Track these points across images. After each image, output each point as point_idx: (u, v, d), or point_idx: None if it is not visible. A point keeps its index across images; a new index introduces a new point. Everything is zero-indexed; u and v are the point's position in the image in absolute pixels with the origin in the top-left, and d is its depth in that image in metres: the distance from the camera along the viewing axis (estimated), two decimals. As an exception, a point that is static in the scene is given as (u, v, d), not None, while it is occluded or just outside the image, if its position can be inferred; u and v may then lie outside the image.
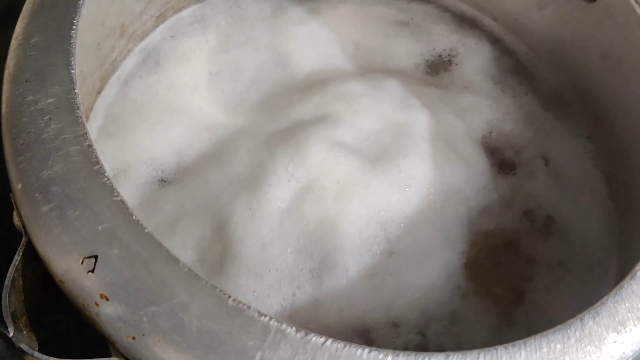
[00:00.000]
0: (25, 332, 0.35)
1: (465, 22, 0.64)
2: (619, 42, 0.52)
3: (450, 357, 0.32)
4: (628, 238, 0.42)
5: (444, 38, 0.61)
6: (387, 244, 0.47)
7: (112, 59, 0.53)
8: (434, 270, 0.47)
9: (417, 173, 0.50)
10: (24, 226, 0.35)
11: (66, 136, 0.36)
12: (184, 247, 0.46)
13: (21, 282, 0.35)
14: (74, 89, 0.37)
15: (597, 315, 0.34)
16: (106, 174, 0.35)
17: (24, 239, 0.35)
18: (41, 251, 0.34)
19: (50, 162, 0.35)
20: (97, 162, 0.35)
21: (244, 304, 0.32)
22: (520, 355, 0.32)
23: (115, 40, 0.52)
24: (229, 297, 0.32)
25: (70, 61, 0.39)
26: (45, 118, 0.36)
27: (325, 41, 0.60)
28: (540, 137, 0.56)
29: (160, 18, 0.57)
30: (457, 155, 0.52)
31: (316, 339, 0.31)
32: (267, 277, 0.45)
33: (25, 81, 0.38)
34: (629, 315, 0.35)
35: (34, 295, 0.37)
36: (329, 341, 0.31)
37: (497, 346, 0.33)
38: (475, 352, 0.32)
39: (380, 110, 0.53)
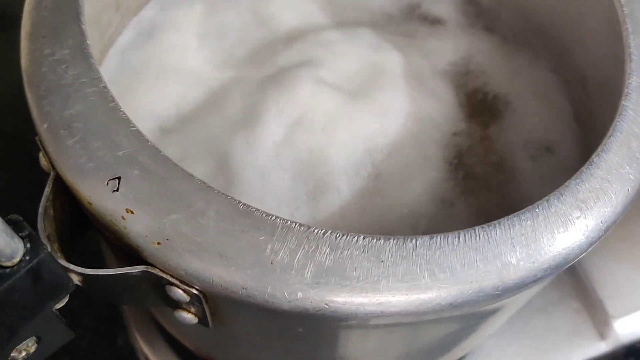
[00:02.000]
0: (59, 254, 0.38)
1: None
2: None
3: (435, 238, 0.35)
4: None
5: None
6: (373, 168, 0.51)
7: (110, 33, 0.57)
8: (419, 187, 0.51)
9: (394, 104, 0.54)
10: (51, 162, 0.38)
11: (83, 80, 0.39)
12: (191, 181, 0.50)
13: (52, 212, 0.39)
14: (86, 40, 0.41)
15: (561, 195, 0.38)
16: (121, 109, 0.39)
17: (52, 174, 0.38)
18: (69, 179, 0.37)
19: (70, 103, 0.38)
20: (113, 100, 0.39)
21: (253, 207, 0.36)
22: (496, 233, 0.36)
23: (111, 15, 0.56)
24: (240, 202, 0.36)
25: (80, 18, 0.42)
26: (62, 66, 0.40)
27: (301, 0, 0.63)
28: (506, 70, 0.59)
29: (151, -7, 0.61)
30: (427, 89, 0.56)
31: (318, 231, 0.35)
32: (267, 201, 0.49)
33: (42, 37, 0.41)
34: (589, 194, 0.38)
35: (63, 225, 0.40)
36: (329, 232, 0.35)
37: (474, 227, 0.36)
38: (456, 232, 0.36)
39: (356, 53, 0.57)
